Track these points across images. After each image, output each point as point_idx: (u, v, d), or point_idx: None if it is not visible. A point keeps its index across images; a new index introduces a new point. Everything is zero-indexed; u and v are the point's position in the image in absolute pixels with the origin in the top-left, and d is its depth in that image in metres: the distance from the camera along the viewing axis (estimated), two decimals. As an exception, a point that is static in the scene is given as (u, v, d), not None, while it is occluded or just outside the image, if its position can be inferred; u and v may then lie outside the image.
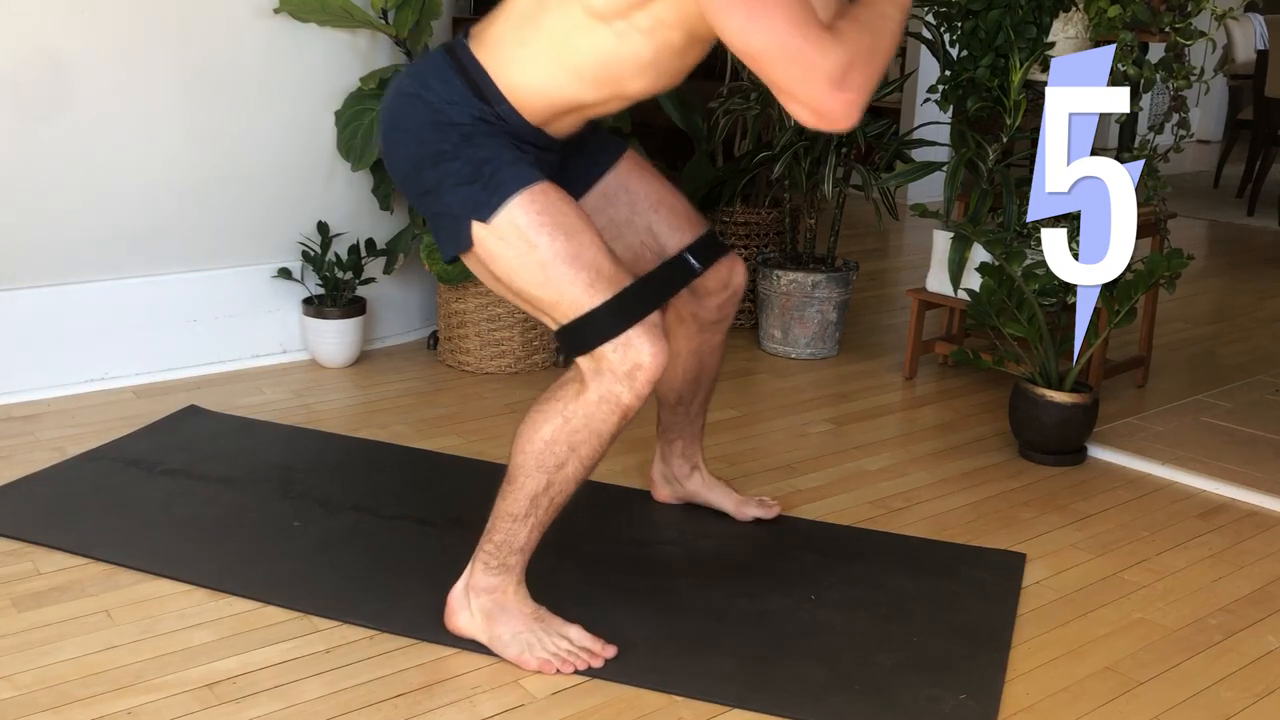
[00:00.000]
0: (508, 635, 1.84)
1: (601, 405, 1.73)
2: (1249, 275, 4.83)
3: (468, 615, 1.87)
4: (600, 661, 1.83)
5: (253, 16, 3.02)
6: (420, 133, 1.76)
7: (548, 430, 1.76)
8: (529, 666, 1.81)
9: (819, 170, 3.33)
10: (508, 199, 1.71)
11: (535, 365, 3.25)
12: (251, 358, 3.20)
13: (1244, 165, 6.50)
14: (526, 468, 1.78)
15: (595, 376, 1.73)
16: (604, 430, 1.75)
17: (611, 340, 1.70)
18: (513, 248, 1.71)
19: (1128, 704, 1.79)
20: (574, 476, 1.79)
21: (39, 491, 2.37)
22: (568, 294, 1.71)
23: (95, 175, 2.89)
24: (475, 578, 1.87)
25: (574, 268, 1.71)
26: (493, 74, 1.74)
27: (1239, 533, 2.40)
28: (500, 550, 1.84)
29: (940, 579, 2.15)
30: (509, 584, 1.86)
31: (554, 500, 1.80)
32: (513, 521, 1.81)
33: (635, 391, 1.72)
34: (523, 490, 1.79)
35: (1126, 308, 2.71)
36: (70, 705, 1.70)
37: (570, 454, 1.76)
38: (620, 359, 1.71)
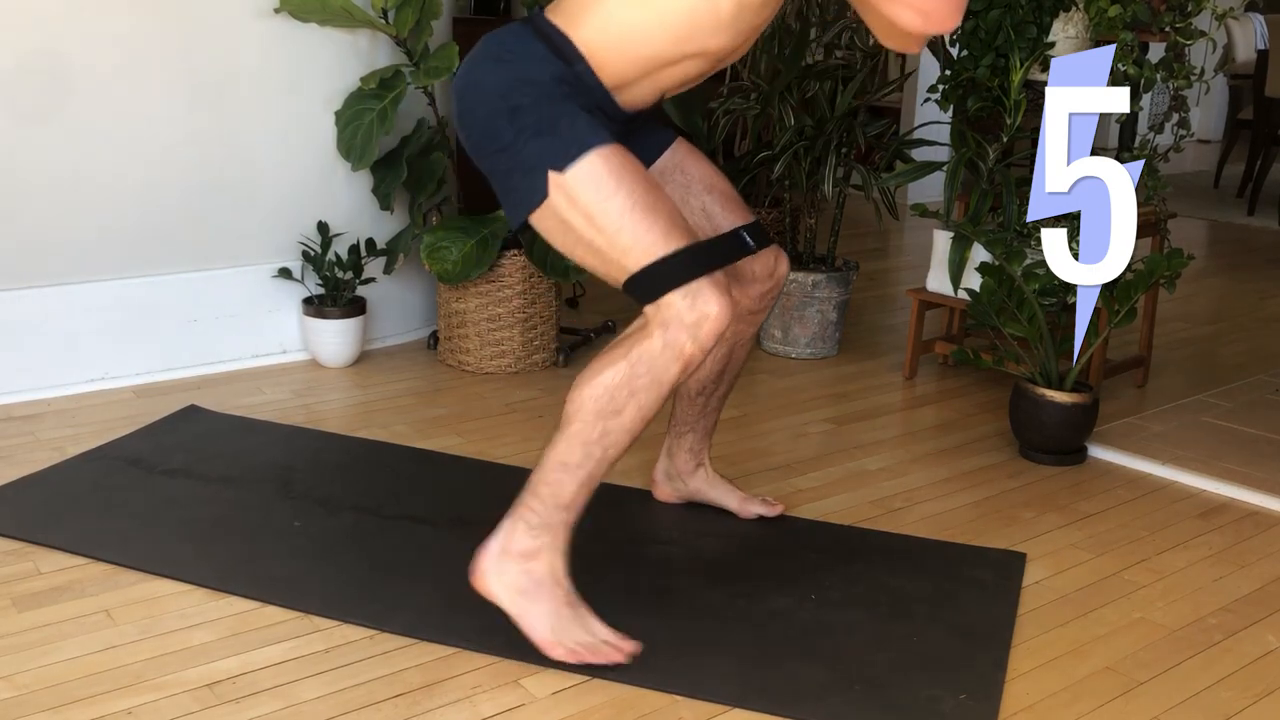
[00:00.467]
0: (536, 615, 1.81)
1: (666, 352, 1.71)
2: (1249, 275, 4.83)
3: (497, 581, 1.82)
4: (623, 656, 1.81)
5: (253, 16, 3.02)
6: (498, 88, 1.78)
7: (609, 375, 1.74)
8: (554, 653, 1.79)
9: (819, 170, 3.33)
10: (585, 151, 1.73)
11: (535, 365, 3.25)
12: (251, 358, 3.20)
13: (1244, 165, 6.51)
14: (583, 413, 1.75)
15: (661, 325, 1.72)
16: (664, 379, 1.73)
17: (681, 288, 1.70)
18: (589, 194, 1.73)
19: (1128, 704, 1.79)
20: (629, 426, 1.75)
21: (39, 491, 2.37)
22: (643, 239, 1.72)
23: (95, 175, 2.89)
24: (514, 538, 1.81)
25: (651, 215, 1.73)
26: (570, 34, 1.77)
27: (1239, 533, 2.40)
28: (545, 504, 1.79)
29: (940, 579, 2.15)
30: (547, 551, 1.81)
31: (606, 451, 1.76)
32: (563, 471, 1.77)
33: (699, 343, 1.71)
34: (577, 436, 1.75)
35: (1126, 308, 2.71)
36: (70, 705, 1.70)
37: (629, 400, 1.73)
38: (688, 307, 1.70)
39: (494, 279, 3.14)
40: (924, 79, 5.21)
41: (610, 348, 1.79)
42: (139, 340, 3.02)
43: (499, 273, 3.14)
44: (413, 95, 3.25)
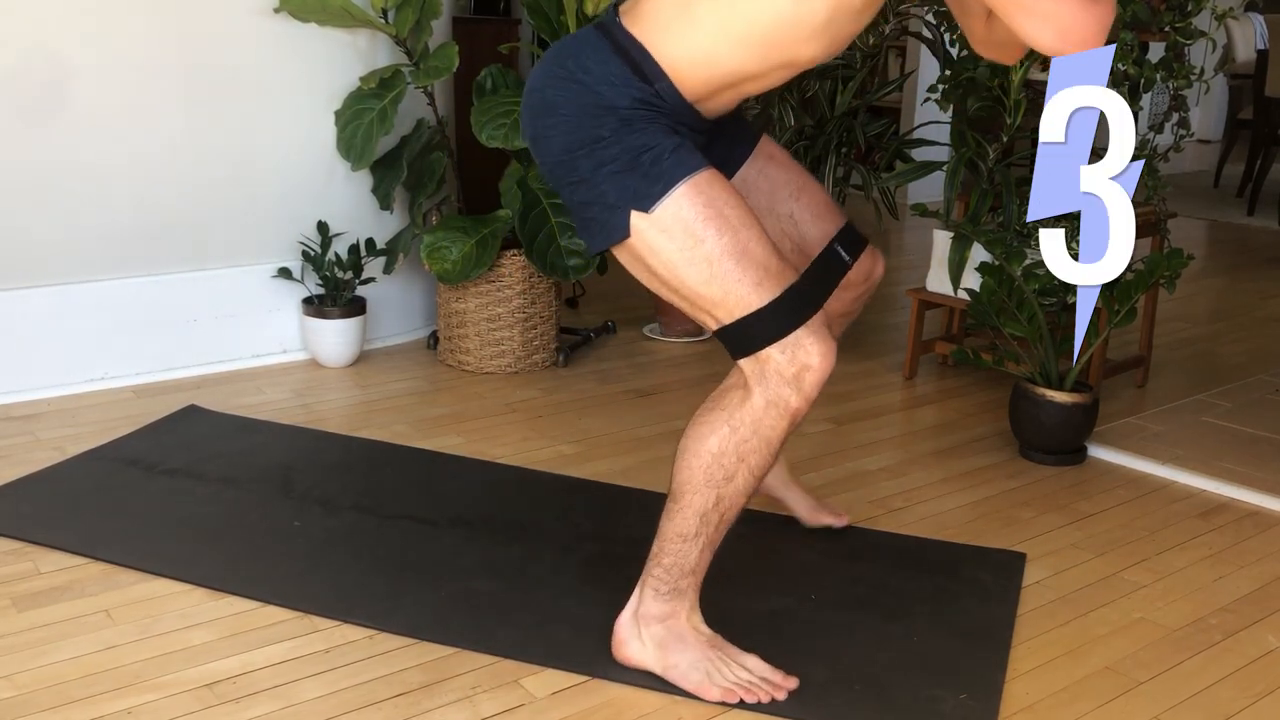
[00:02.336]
0: (685, 664, 1.76)
1: (769, 411, 1.65)
2: (1249, 275, 4.83)
3: (639, 645, 1.79)
4: (783, 694, 1.75)
5: (253, 16, 3.02)
6: (577, 118, 1.66)
7: (714, 442, 1.67)
8: (710, 696, 1.74)
9: (819, 170, 3.32)
10: (671, 189, 1.62)
11: (535, 365, 3.25)
12: (251, 358, 3.20)
13: (1244, 165, 6.51)
14: (694, 483, 1.69)
15: (760, 381, 1.65)
16: (772, 437, 1.67)
17: (779, 341, 1.63)
18: (676, 241, 1.63)
19: (1128, 704, 1.79)
20: (743, 489, 1.70)
21: (39, 491, 2.37)
22: (734, 292, 1.62)
23: (95, 175, 2.89)
24: (645, 605, 1.78)
25: (741, 265, 1.62)
26: (651, 49, 1.64)
27: (1239, 533, 2.40)
28: (670, 574, 1.75)
29: (940, 579, 2.15)
30: (681, 610, 1.77)
31: (724, 516, 1.71)
32: (682, 542, 1.73)
33: (804, 395, 1.65)
34: (690, 508, 1.71)
35: (1126, 308, 2.71)
36: (70, 705, 1.70)
37: (739, 465, 1.67)
38: (788, 361, 1.63)
39: (494, 279, 3.14)
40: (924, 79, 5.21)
41: (709, 407, 1.71)
42: (139, 340, 3.02)
43: (499, 273, 3.14)
44: (413, 95, 3.25)
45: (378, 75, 3.10)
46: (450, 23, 3.57)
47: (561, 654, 1.86)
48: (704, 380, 3.23)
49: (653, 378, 3.25)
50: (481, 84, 3.16)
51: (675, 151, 1.64)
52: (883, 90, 3.52)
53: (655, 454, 2.69)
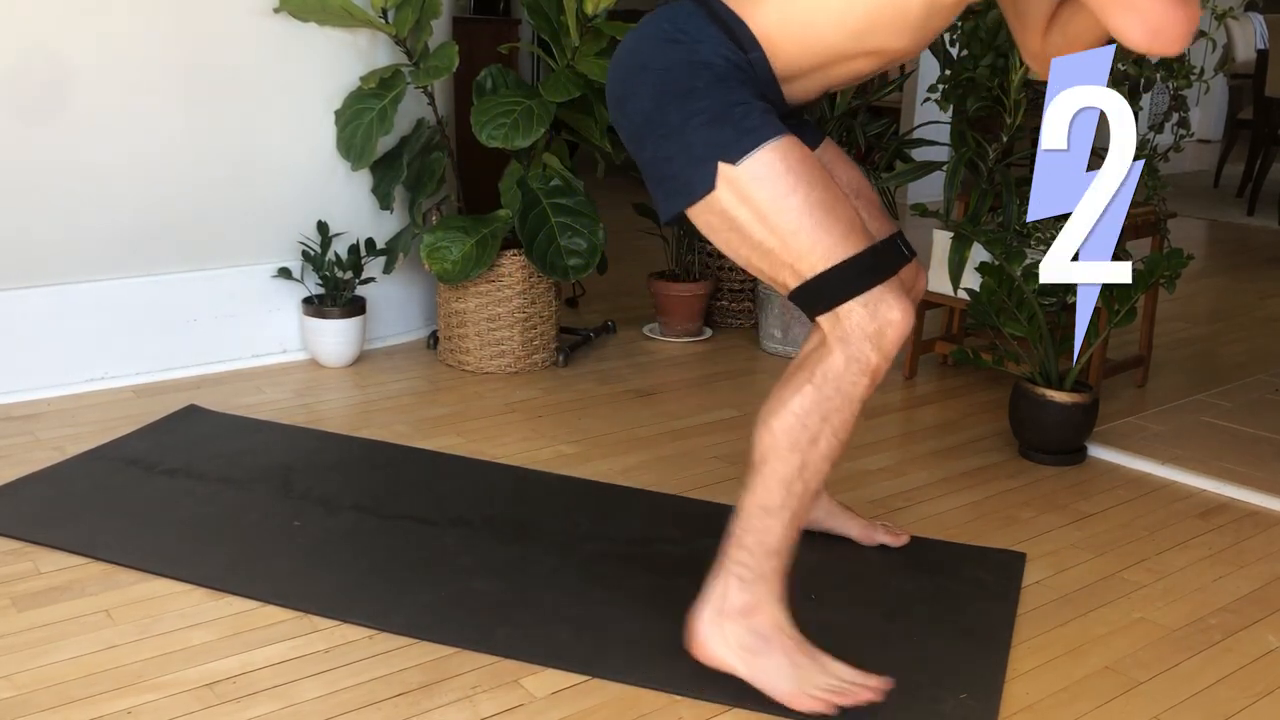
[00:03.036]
0: (774, 670, 1.70)
1: (850, 366, 1.63)
2: (1249, 275, 4.84)
3: (721, 645, 1.72)
4: (878, 696, 1.69)
5: (253, 16, 3.02)
6: (671, 70, 1.67)
7: (797, 403, 1.64)
8: (801, 705, 1.68)
9: (819, 170, 3.32)
10: (762, 143, 1.62)
11: (535, 365, 3.25)
12: (251, 358, 3.20)
13: (1244, 165, 6.51)
14: (778, 449, 1.65)
15: (841, 339, 1.63)
16: (854, 394, 1.64)
17: (861, 295, 1.62)
18: (766, 190, 1.62)
19: (1128, 704, 1.79)
20: (827, 453, 1.66)
21: (39, 491, 2.37)
22: (823, 242, 1.62)
23: (95, 175, 2.89)
24: (729, 597, 1.71)
25: (830, 217, 1.62)
26: (747, 19, 1.66)
27: (1239, 532, 2.40)
28: (754, 555, 1.69)
29: (940, 579, 2.15)
30: (766, 603, 1.71)
31: (808, 484, 1.67)
32: (766, 516, 1.67)
33: (883, 351, 1.63)
34: (774, 475, 1.66)
35: (1126, 308, 2.71)
36: (70, 705, 1.70)
37: (823, 425, 1.64)
38: (869, 316, 1.62)
39: (494, 279, 3.14)
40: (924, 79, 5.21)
41: (789, 375, 1.70)
42: (139, 340, 3.02)
43: (499, 273, 3.14)
44: (412, 95, 3.25)
45: (378, 75, 3.10)
46: (450, 23, 3.57)
47: (561, 654, 1.86)
48: (704, 380, 3.23)
49: (653, 378, 3.25)
50: (481, 84, 3.16)
51: (765, 113, 1.65)
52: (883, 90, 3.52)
53: (655, 454, 2.69)
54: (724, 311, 3.75)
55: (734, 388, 3.18)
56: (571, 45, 3.12)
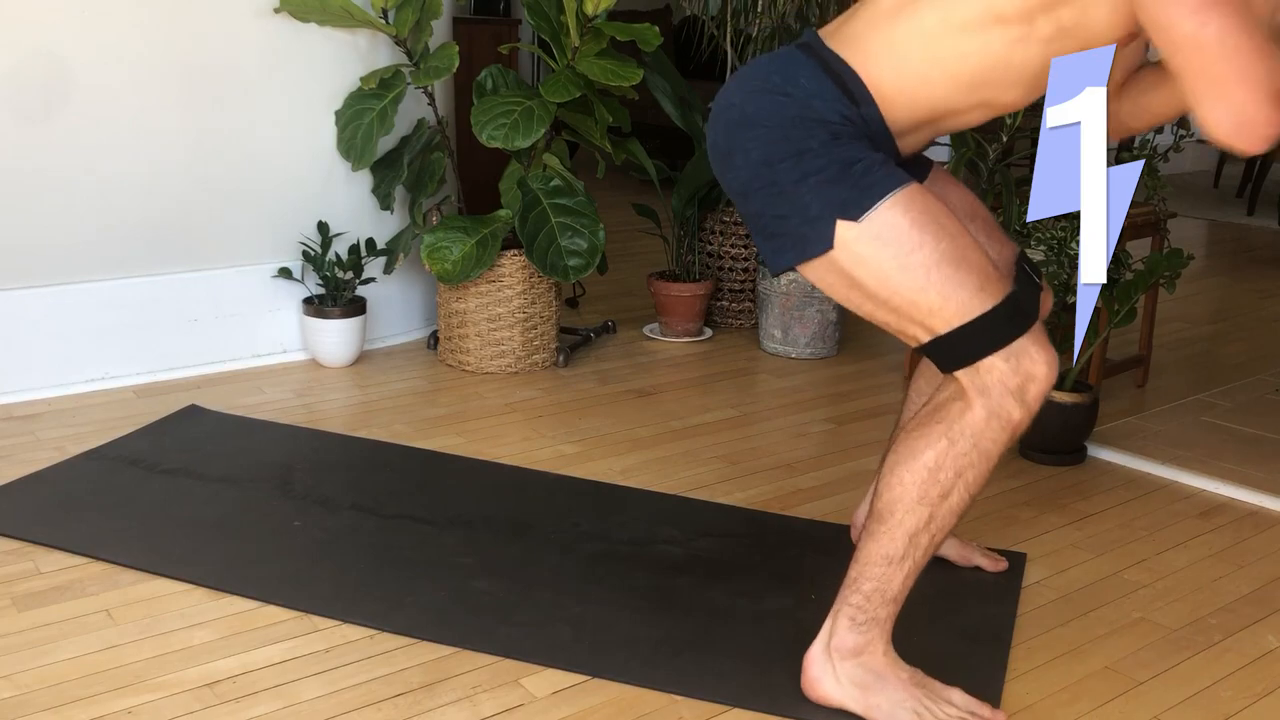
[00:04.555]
0: (890, 705, 1.67)
1: (991, 423, 1.58)
2: (1249, 275, 4.84)
3: (834, 683, 1.70)
4: None
5: (253, 16, 3.02)
6: (783, 128, 1.60)
7: (931, 456, 1.60)
8: None
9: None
10: (884, 197, 1.57)
11: (535, 365, 3.25)
12: (251, 357, 3.20)
13: (1244, 165, 6.51)
14: (906, 501, 1.62)
15: (981, 392, 1.58)
16: (992, 451, 1.60)
17: (1003, 350, 1.57)
18: (890, 248, 1.57)
19: (1128, 704, 1.79)
20: (957, 509, 1.63)
21: (39, 491, 2.37)
22: (954, 297, 1.57)
23: (95, 175, 2.89)
24: (839, 637, 1.69)
25: (961, 270, 1.57)
26: (861, 72, 1.60)
27: (1239, 532, 2.40)
28: (871, 602, 1.66)
29: (940, 579, 2.15)
30: (877, 643, 1.69)
31: (934, 538, 1.64)
32: (887, 565, 1.64)
33: (1027, 406, 1.59)
34: (901, 527, 1.62)
35: (1126, 308, 2.71)
36: (70, 704, 1.70)
37: (956, 480, 1.60)
38: (1012, 370, 1.57)
39: (494, 279, 3.14)
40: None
41: (922, 423, 1.64)
42: (139, 340, 3.02)
43: (499, 273, 3.14)
44: (413, 95, 3.25)
45: (378, 75, 3.10)
46: (450, 23, 3.57)
47: (561, 654, 1.86)
48: (704, 380, 3.23)
49: (653, 378, 3.25)
50: (481, 84, 3.16)
51: (884, 165, 1.60)
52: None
53: (655, 454, 2.69)
54: (724, 311, 3.75)
55: (734, 388, 3.18)
56: (571, 45, 3.12)
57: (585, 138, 3.27)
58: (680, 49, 6.53)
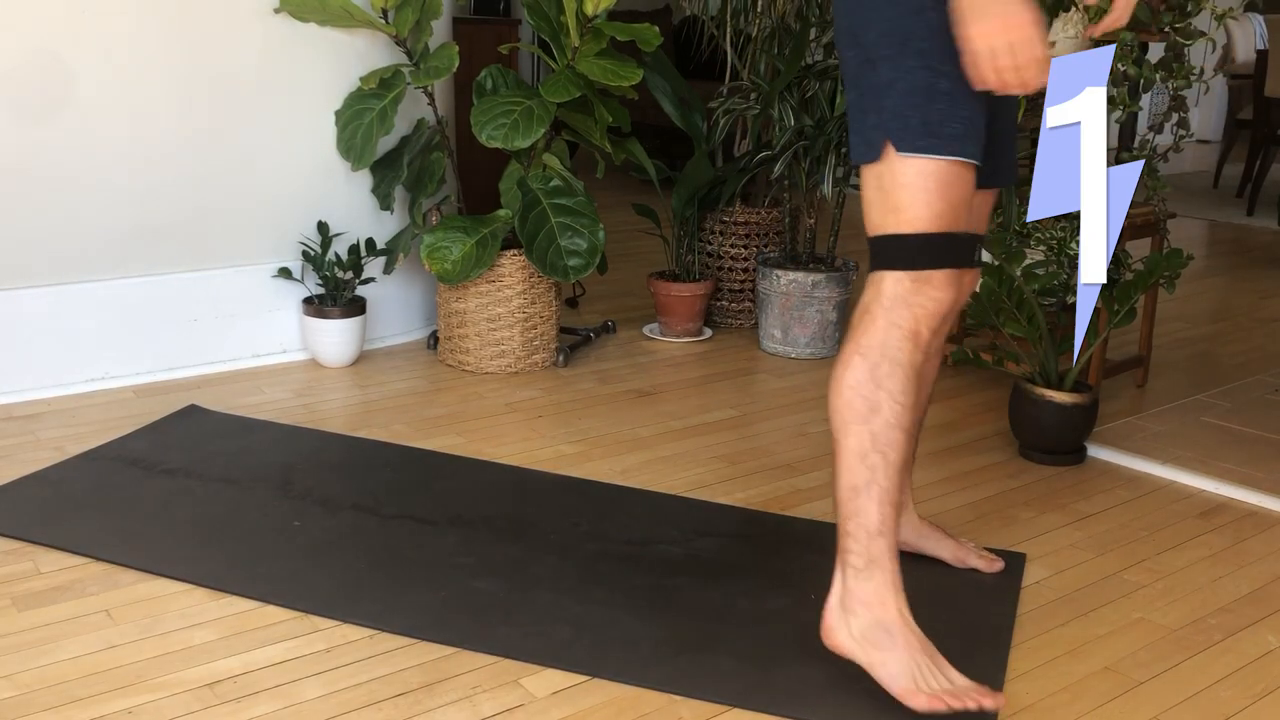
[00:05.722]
0: (894, 664, 1.69)
1: (892, 332, 1.67)
2: (1249, 275, 4.84)
3: (847, 635, 1.73)
4: (995, 706, 1.67)
5: (253, 16, 3.02)
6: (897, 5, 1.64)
7: (849, 375, 1.68)
8: (915, 703, 1.67)
9: (819, 170, 3.33)
10: (936, 154, 1.64)
11: (535, 365, 3.25)
12: (251, 357, 3.20)
13: (1244, 165, 6.51)
14: (844, 425, 1.69)
15: (882, 301, 1.68)
16: (902, 359, 1.67)
17: (916, 271, 1.66)
18: (905, 189, 1.66)
19: (1128, 704, 1.80)
20: (894, 421, 1.67)
21: (39, 491, 2.37)
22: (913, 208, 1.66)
23: (95, 175, 2.89)
24: (848, 587, 1.72)
25: (944, 193, 1.65)
26: None
27: (1239, 533, 2.40)
28: (858, 540, 1.69)
29: (940, 579, 2.15)
30: (886, 592, 1.70)
31: (885, 455, 1.67)
32: (855, 496, 1.69)
33: (924, 322, 1.67)
34: (850, 453, 1.68)
35: (1126, 308, 2.71)
36: (70, 704, 1.70)
37: (878, 391, 1.66)
38: (913, 288, 1.66)
39: (494, 279, 3.14)
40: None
41: (839, 355, 1.73)
42: (139, 340, 3.02)
43: (499, 273, 3.14)
44: (413, 95, 3.25)
45: (378, 75, 3.10)
46: (450, 23, 3.57)
47: (561, 654, 1.86)
48: (704, 380, 3.23)
49: (653, 378, 3.25)
50: (481, 84, 3.16)
51: (968, 121, 1.65)
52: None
53: (655, 454, 2.69)
54: (724, 311, 3.75)
55: (734, 388, 3.18)
56: (571, 45, 3.12)
57: (585, 138, 3.27)
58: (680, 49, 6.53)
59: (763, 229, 3.71)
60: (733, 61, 3.78)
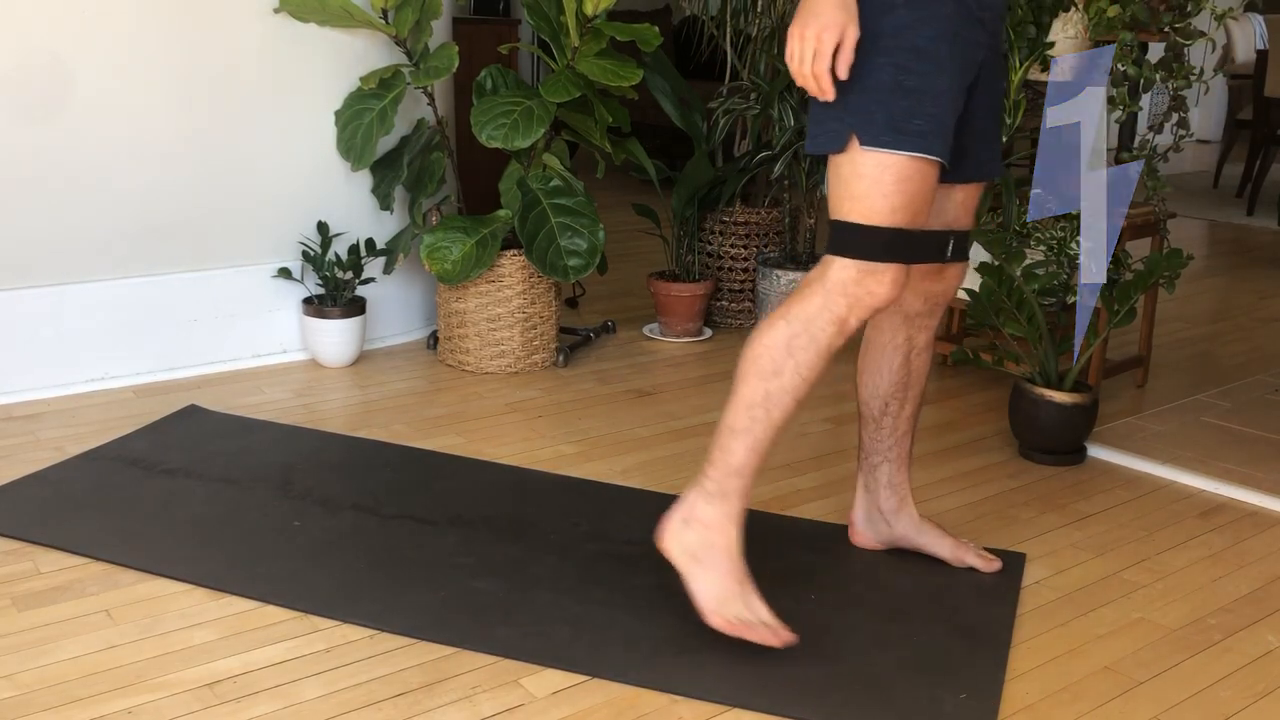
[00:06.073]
0: (706, 581, 1.83)
1: (823, 313, 1.75)
2: (1249, 275, 4.84)
3: (676, 542, 1.87)
4: (779, 643, 1.81)
5: (253, 16, 3.02)
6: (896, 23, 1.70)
7: (769, 335, 1.78)
8: (713, 621, 1.82)
9: (819, 170, 3.33)
10: (898, 150, 1.70)
11: (535, 365, 3.25)
12: (251, 358, 3.20)
13: (1243, 165, 6.51)
14: (746, 374, 1.79)
15: (824, 286, 1.75)
16: (822, 340, 1.75)
17: (865, 262, 1.73)
18: (863, 180, 1.73)
19: (1127, 703, 1.80)
20: (790, 388, 1.77)
21: (39, 491, 2.37)
22: (870, 199, 1.72)
23: (95, 175, 2.89)
24: (696, 506, 1.85)
25: (901, 189, 1.72)
26: None
27: (1239, 533, 2.40)
28: (718, 469, 1.82)
29: (940, 579, 2.15)
30: (728, 525, 1.83)
31: (770, 414, 1.78)
32: (730, 435, 1.81)
33: (855, 311, 1.75)
34: (740, 399, 1.80)
35: (1126, 308, 2.71)
36: (70, 704, 1.70)
37: (787, 359, 1.76)
38: (857, 278, 1.73)
39: (494, 279, 3.14)
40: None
41: (774, 309, 1.82)
42: (139, 340, 3.02)
43: (499, 273, 3.14)
44: (412, 95, 3.25)
45: (378, 75, 3.10)
46: (450, 23, 3.57)
47: (561, 654, 1.86)
48: (704, 380, 3.23)
49: (653, 378, 3.25)
50: (481, 84, 3.16)
51: (931, 117, 1.71)
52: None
53: (655, 454, 2.69)
54: (724, 311, 3.75)
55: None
56: (571, 45, 3.12)
57: (585, 138, 3.27)
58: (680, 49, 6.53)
59: (763, 229, 3.71)
60: (733, 61, 3.78)
